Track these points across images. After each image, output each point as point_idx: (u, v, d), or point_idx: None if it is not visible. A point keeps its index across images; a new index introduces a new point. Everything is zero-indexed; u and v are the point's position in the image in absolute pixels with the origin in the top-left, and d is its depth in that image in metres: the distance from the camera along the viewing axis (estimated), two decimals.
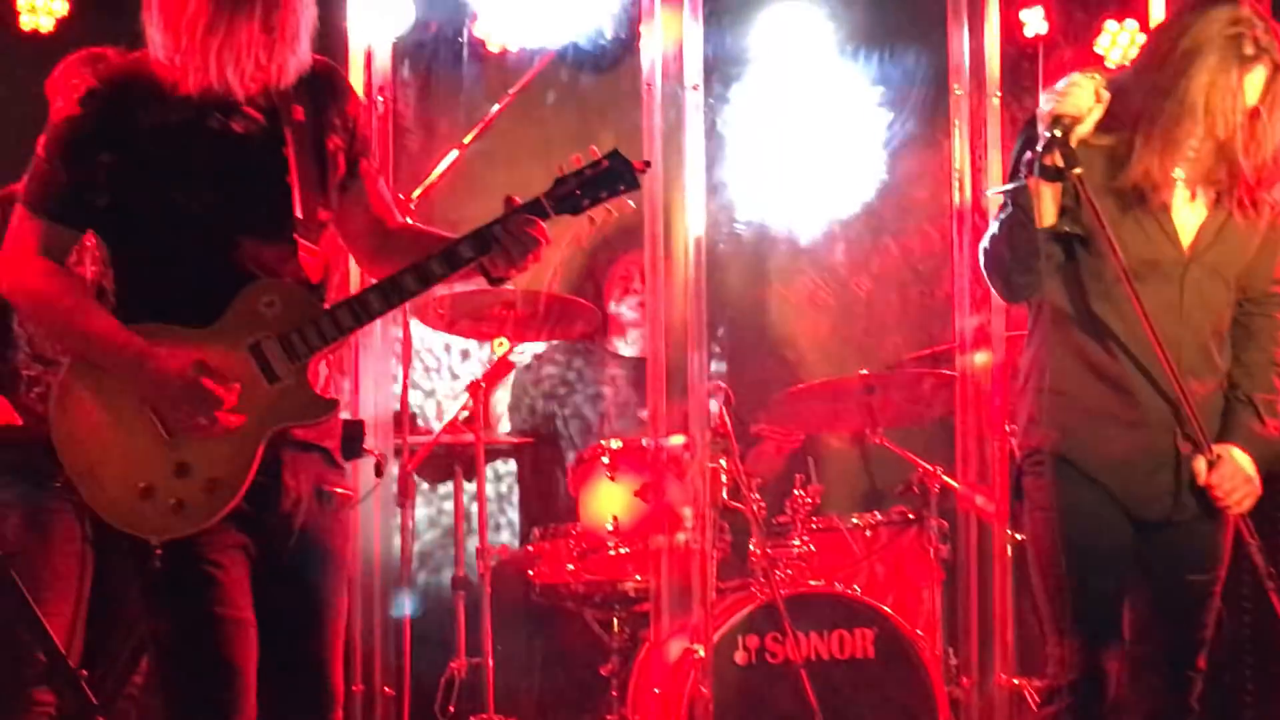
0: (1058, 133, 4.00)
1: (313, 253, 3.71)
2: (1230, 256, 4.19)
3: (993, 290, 4.47)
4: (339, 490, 3.81)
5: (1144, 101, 4.09)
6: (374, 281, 3.73)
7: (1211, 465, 4.11)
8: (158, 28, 3.62)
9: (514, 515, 7.14)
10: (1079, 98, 4.05)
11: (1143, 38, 6.98)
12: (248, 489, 3.59)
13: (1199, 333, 4.18)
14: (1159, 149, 4.08)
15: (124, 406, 3.59)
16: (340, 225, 3.87)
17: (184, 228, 3.60)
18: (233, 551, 3.63)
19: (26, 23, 6.53)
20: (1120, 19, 7.36)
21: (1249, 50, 4.02)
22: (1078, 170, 4.00)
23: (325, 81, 3.81)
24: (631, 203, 3.80)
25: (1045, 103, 4.08)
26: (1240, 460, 4.15)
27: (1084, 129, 4.06)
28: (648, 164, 3.84)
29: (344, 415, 3.92)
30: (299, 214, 3.67)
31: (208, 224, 3.60)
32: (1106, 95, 4.09)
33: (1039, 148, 4.02)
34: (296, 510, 3.70)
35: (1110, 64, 7.27)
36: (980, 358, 5.60)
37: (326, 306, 3.69)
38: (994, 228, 4.23)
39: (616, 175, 3.74)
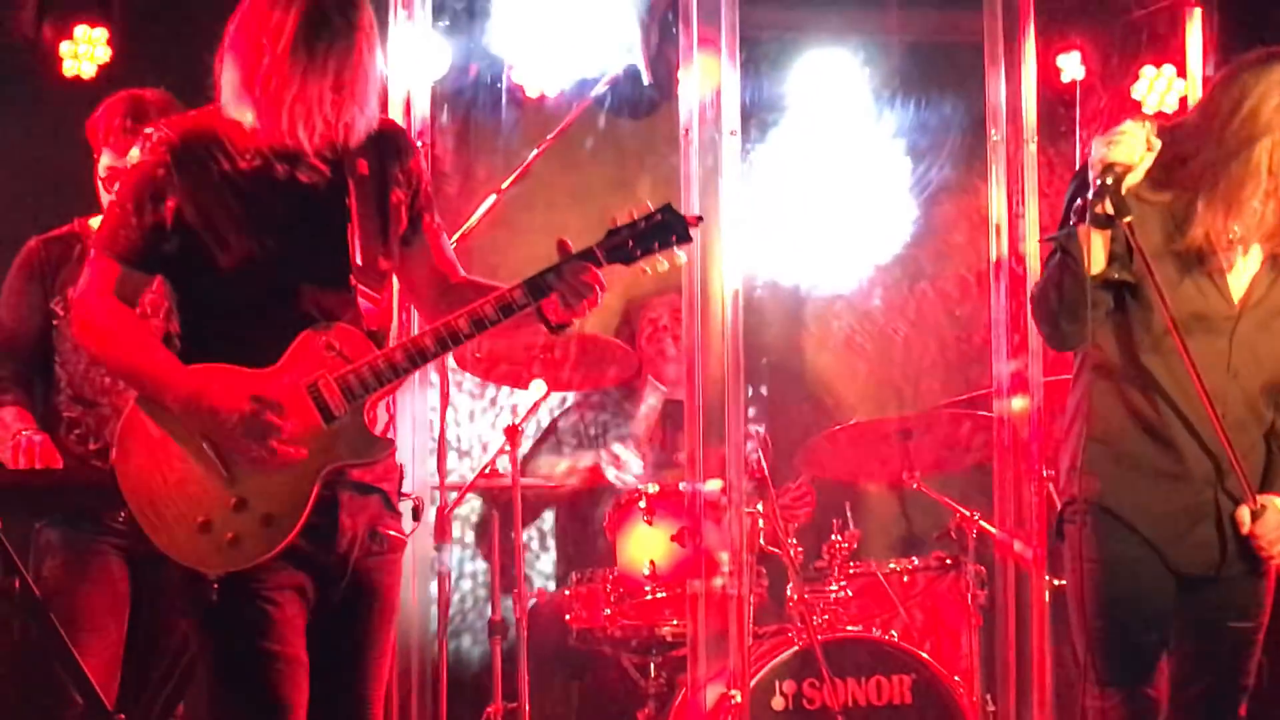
0: (1109, 181, 3.97)
1: (374, 300, 3.82)
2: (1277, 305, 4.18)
3: (1041, 337, 4.46)
4: (392, 533, 3.88)
5: (1205, 162, 4.07)
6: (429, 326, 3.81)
7: (1255, 516, 4.08)
8: (232, 83, 3.74)
9: (552, 559, 7.14)
10: (1130, 146, 4.02)
11: (1180, 83, 6.99)
12: (305, 528, 3.67)
13: (1247, 387, 4.16)
14: (1221, 211, 4.06)
15: (184, 442, 3.68)
16: (403, 277, 4.01)
17: (248, 273, 3.71)
18: (289, 590, 3.71)
19: (69, 69, 6.60)
20: (1158, 64, 7.36)
21: None
22: (1128, 218, 3.97)
23: (390, 139, 3.93)
24: (683, 255, 3.85)
25: (1096, 149, 4.05)
26: None
27: (1135, 178, 4.03)
28: (700, 218, 3.93)
29: None
30: (359, 261, 3.77)
31: (271, 270, 3.72)
32: (1158, 143, 4.05)
33: (1090, 195, 3.99)
34: (351, 551, 3.78)
35: (1148, 109, 7.27)
36: (1018, 403, 5.58)
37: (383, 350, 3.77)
38: (1044, 274, 4.22)
39: (669, 228, 3.81)
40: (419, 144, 4.06)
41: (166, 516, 3.67)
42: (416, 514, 4.15)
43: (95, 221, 5.11)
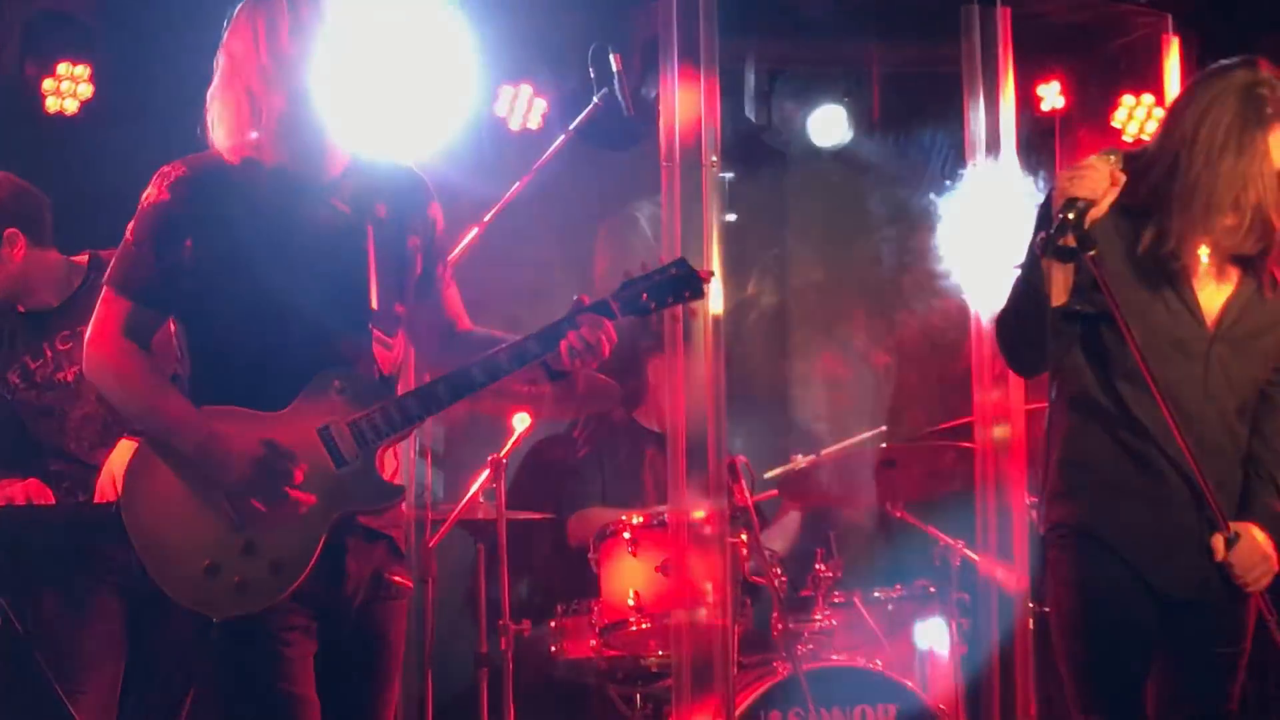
0: (1070, 215, 3.94)
1: (387, 344, 3.82)
2: (1255, 332, 4.18)
3: (1006, 362, 4.47)
4: (397, 579, 3.88)
5: (1166, 176, 4.05)
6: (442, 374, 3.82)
7: (1230, 543, 4.08)
8: (222, 120, 3.73)
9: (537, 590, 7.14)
10: (1095, 180, 4.00)
11: (1160, 111, 7.02)
12: (315, 572, 3.66)
13: (1223, 409, 4.15)
14: (1186, 223, 4.03)
15: (193, 484, 3.66)
16: (410, 323, 3.96)
17: (263, 313, 3.69)
18: (298, 631, 3.69)
19: (52, 105, 6.62)
20: (1137, 94, 7.42)
21: (1269, 110, 4.00)
22: (1092, 252, 3.95)
23: (408, 184, 3.94)
24: (697, 308, 3.91)
25: (1060, 182, 4.03)
26: (1259, 538, 4.11)
27: (1098, 212, 4.00)
28: (711, 273, 3.99)
29: None
30: (375, 305, 3.78)
31: (285, 310, 3.69)
32: (1123, 177, 4.05)
33: (1052, 229, 3.98)
34: (356, 595, 3.78)
35: (1127, 137, 7.31)
36: (1000, 431, 5.60)
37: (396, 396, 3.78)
38: (1007, 301, 4.23)
39: (682, 282, 3.87)
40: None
41: (173, 558, 3.65)
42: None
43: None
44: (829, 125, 7.62)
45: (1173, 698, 4.18)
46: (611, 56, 5.78)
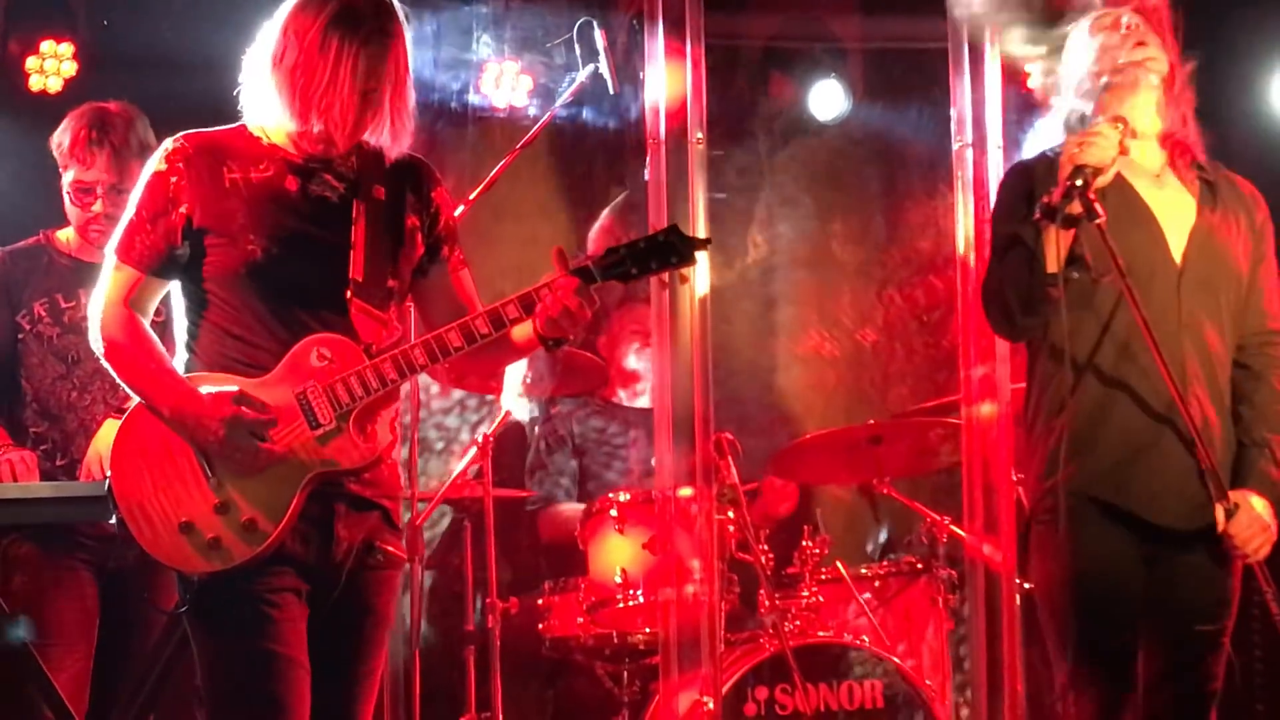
0: (1079, 182, 3.94)
1: (379, 318, 3.88)
2: (1219, 265, 4.18)
3: (995, 329, 4.45)
4: (389, 549, 3.93)
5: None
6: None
7: (1229, 514, 4.08)
8: (261, 82, 3.84)
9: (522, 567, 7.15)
10: (1104, 148, 4.01)
11: None
12: (301, 537, 3.75)
13: (1198, 340, 4.14)
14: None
15: (174, 447, 3.76)
16: (421, 307, 4.10)
17: (249, 279, 3.80)
18: (289, 594, 3.76)
19: (36, 83, 6.60)
20: None
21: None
22: (1099, 220, 3.96)
23: (412, 168, 4.02)
24: (688, 274, 3.90)
25: (1068, 149, 4.04)
26: (1258, 507, 4.12)
27: (1105, 179, 4.02)
28: (709, 240, 4.00)
29: None
30: (357, 275, 3.84)
31: (271, 277, 3.80)
32: (1131, 147, 4.08)
33: (1057, 194, 3.96)
34: (346, 561, 3.83)
35: None
36: (986, 407, 5.59)
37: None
38: (999, 268, 4.22)
39: (670, 248, 3.87)
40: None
41: (152, 517, 3.74)
42: None
43: (63, 234, 5.11)
44: (824, 100, 7.62)
45: (1159, 675, 4.18)
46: (597, 33, 5.77)
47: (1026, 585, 5.18)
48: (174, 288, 3.92)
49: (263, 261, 3.78)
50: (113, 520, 3.80)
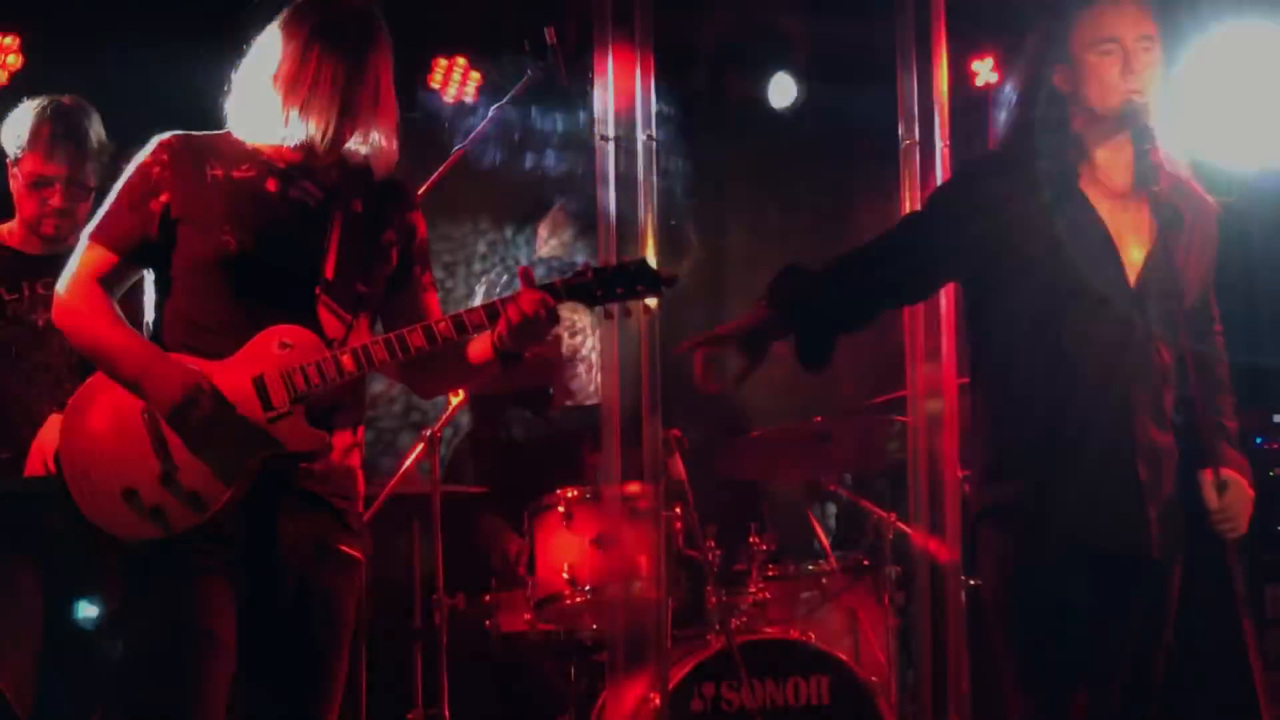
0: None
1: (340, 315, 3.91)
2: (1176, 285, 4.18)
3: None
4: (342, 549, 3.94)
5: None
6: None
7: (1221, 489, 4.06)
8: (243, 86, 3.93)
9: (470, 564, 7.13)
10: None
11: None
12: (243, 525, 3.78)
13: (1147, 362, 4.10)
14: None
15: (126, 415, 3.79)
16: (388, 318, 4.10)
17: (218, 268, 3.83)
18: (219, 574, 3.77)
19: None
20: None
21: None
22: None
23: (394, 188, 4.08)
24: (651, 303, 3.95)
25: None
26: (1242, 482, 4.11)
27: None
28: (676, 276, 4.08)
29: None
30: (328, 275, 3.89)
31: (240, 268, 3.83)
32: None
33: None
34: (293, 558, 3.84)
35: None
36: (932, 404, 5.62)
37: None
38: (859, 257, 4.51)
39: (636, 277, 3.97)
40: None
41: (96, 483, 3.78)
42: None
43: (4, 226, 5.08)
44: (765, 96, 7.64)
45: (1102, 673, 4.19)
46: (546, 29, 5.76)
47: (973, 582, 5.20)
48: (147, 281, 3.95)
49: (236, 254, 3.82)
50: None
